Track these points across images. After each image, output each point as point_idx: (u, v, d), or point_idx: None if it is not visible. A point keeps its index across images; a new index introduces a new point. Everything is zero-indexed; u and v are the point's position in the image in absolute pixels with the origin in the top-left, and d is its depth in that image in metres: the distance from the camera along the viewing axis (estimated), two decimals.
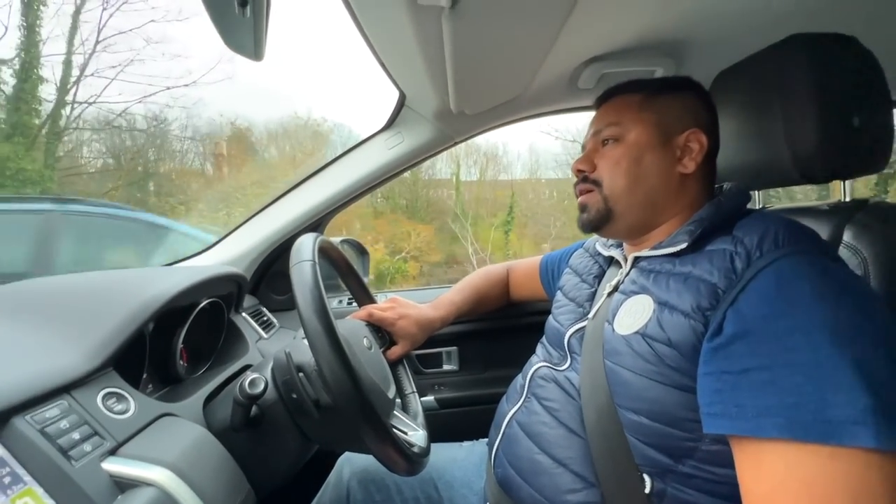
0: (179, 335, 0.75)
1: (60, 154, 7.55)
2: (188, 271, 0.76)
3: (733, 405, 0.43)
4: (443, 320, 0.95)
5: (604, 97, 0.70)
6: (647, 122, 0.63)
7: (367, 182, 1.08)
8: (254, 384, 0.55)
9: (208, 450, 0.54)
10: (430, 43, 0.66)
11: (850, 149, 0.58)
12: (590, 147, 0.68)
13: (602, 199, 0.64)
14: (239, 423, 0.58)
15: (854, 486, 0.38)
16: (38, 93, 7.25)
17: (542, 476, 0.59)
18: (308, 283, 0.54)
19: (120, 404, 0.51)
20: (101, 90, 7.66)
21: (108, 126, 7.89)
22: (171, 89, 8.08)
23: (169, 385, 0.76)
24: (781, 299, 0.44)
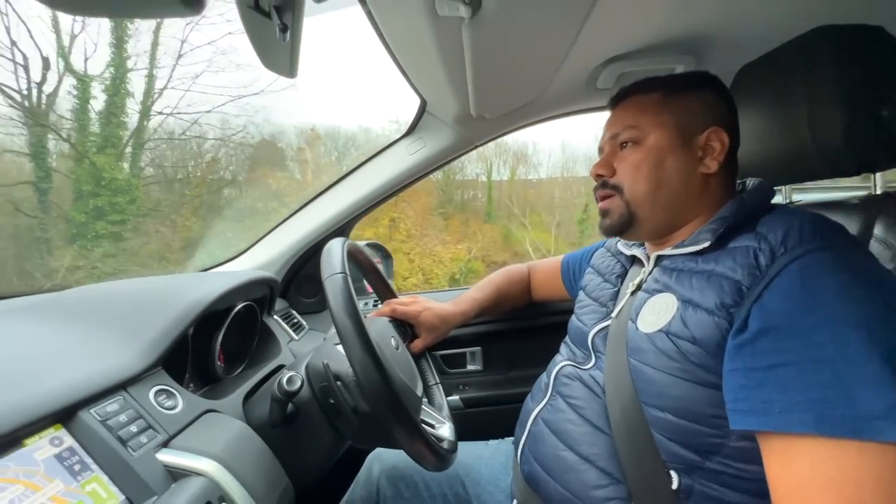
0: (217, 337, 0.79)
1: (142, 164, 7.93)
2: (226, 276, 0.80)
3: (760, 401, 0.43)
4: (464, 315, 0.96)
5: (619, 97, 0.68)
6: (666, 123, 0.62)
7: (391, 187, 1.11)
8: (291, 381, 0.59)
9: (249, 443, 0.57)
10: (451, 51, 0.68)
11: (880, 141, 0.57)
12: (608, 150, 0.67)
13: (624, 204, 0.63)
14: (277, 419, 0.61)
15: (883, 481, 0.38)
16: (126, 106, 7.63)
17: (569, 472, 0.60)
18: (342, 297, 0.57)
19: (169, 400, 0.55)
20: (177, 101, 7.97)
21: (183, 137, 8.19)
22: (241, 98, 8.29)
23: (208, 384, 0.80)
24: (807, 295, 0.44)
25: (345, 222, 1.14)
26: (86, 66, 7.36)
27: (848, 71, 0.56)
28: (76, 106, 7.27)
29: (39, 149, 7.16)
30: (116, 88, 7.49)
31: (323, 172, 9.10)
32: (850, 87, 0.56)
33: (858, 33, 0.58)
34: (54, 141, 7.16)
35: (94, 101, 7.34)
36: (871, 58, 0.57)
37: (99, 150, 7.36)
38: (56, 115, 7.23)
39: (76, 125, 7.28)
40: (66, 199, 7.15)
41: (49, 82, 7.05)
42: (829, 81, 0.57)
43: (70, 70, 7.33)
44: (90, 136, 7.37)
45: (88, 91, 7.32)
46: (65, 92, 7.19)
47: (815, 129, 0.58)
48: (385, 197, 1.13)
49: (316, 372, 0.65)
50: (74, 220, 7.11)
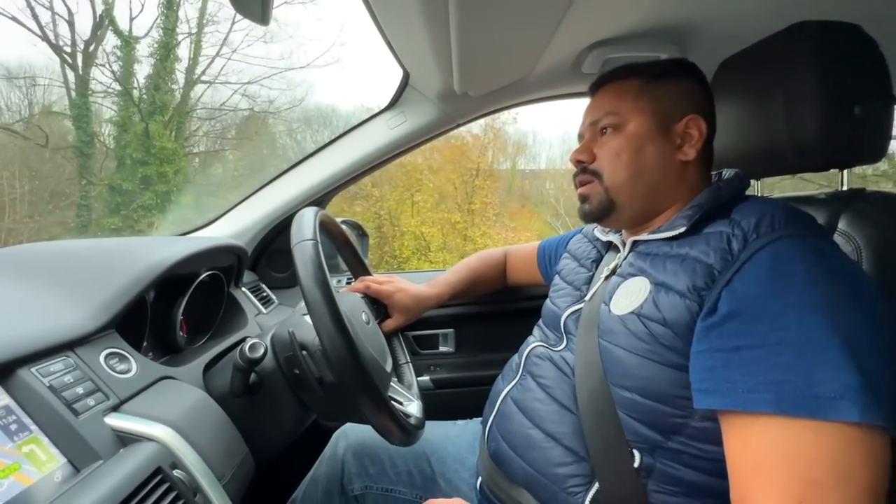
0: (180, 305, 0.76)
1: (187, 133, 7.68)
2: (189, 241, 0.77)
3: (725, 381, 0.44)
4: (438, 298, 0.96)
5: (599, 83, 0.68)
6: (645, 110, 0.62)
7: (369, 161, 1.08)
8: (254, 349, 0.56)
9: (207, 412, 0.55)
10: (436, 21, 0.66)
11: (851, 138, 0.59)
12: (588, 137, 0.67)
13: (603, 190, 0.64)
14: (238, 389, 0.59)
15: (835, 459, 0.39)
16: (174, 73, 7.32)
17: (534, 450, 0.61)
18: (312, 264, 0.54)
19: (122, 364, 0.52)
20: (218, 70, 7.68)
21: (234, 109, 7.89)
22: (288, 71, 8.05)
23: (169, 354, 0.77)
24: (775, 279, 0.45)
25: (320, 195, 1.11)
26: (131, 26, 7.05)
27: (825, 68, 0.57)
28: (121, 69, 6.99)
29: (84, 111, 6.80)
30: (167, 52, 7.14)
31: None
32: (827, 83, 0.57)
33: (836, 31, 0.59)
34: (95, 105, 6.84)
35: (138, 65, 7.10)
36: (847, 56, 0.58)
37: (148, 116, 7.08)
38: (96, 80, 6.94)
39: (120, 89, 6.99)
40: (105, 165, 6.85)
41: (89, 41, 6.72)
42: (806, 77, 0.58)
43: (115, 29, 6.95)
44: (133, 101, 7.04)
45: (133, 54, 7.00)
46: (106, 53, 6.94)
47: (791, 123, 0.59)
48: (364, 171, 1.10)
49: (281, 341, 0.63)
50: (120, 189, 6.81)
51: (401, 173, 8.20)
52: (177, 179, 7.11)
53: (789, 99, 0.59)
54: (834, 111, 0.57)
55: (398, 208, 8.06)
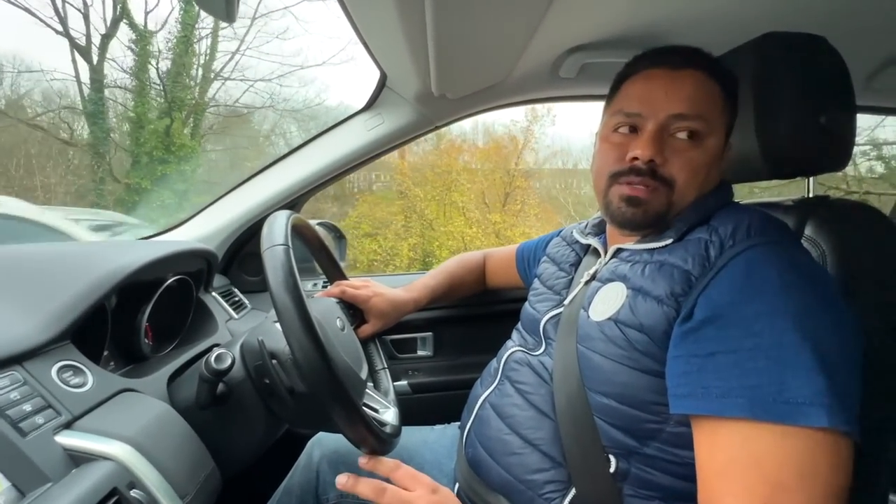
0: (144, 312, 0.72)
1: (203, 131, 7.44)
2: (153, 245, 0.73)
3: (700, 386, 0.45)
4: (416, 302, 0.94)
5: (683, 60, 0.57)
6: (724, 127, 0.58)
7: (346, 163, 1.06)
8: (220, 359, 0.54)
9: (170, 426, 0.52)
10: (413, 22, 0.65)
11: (817, 147, 0.60)
12: (657, 129, 0.55)
13: (668, 203, 0.56)
14: (204, 401, 0.57)
15: (801, 462, 0.40)
16: (192, 68, 7.04)
17: (511, 456, 0.60)
18: (282, 270, 0.52)
19: (77, 378, 0.49)
20: (233, 66, 7.42)
21: (235, 107, 7.61)
22: (304, 69, 7.82)
23: (133, 363, 0.74)
24: (750, 286, 0.46)
25: (295, 197, 1.08)
26: (146, 20, 6.77)
27: (792, 78, 0.59)
28: (135, 63, 6.69)
29: (99, 107, 6.50)
30: (186, 47, 6.87)
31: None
32: (794, 93, 0.59)
33: (803, 42, 0.60)
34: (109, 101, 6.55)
35: (153, 60, 6.85)
36: (812, 67, 0.60)
37: (165, 113, 6.79)
38: (112, 75, 6.64)
39: (136, 85, 6.71)
40: (120, 163, 6.54)
41: (107, 34, 6.44)
42: (774, 88, 0.59)
43: (130, 22, 6.65)
44: (148, 97, 6.79)
45: (148, 48, 6.72)
46: (120, 47, 6.63)
47: (761, 132, 0.61)
48: (340, 173, 1.08)
49: (251, 350, 0.61)
50: (139, 188, 6.56)
51: (434, 174, 8.13)
52: (194, 178, 6.91)
53: (760, 107, 0.61)
54: (801, 120, 0.59)
55: (437, 209, 7.94)
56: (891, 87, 1.00)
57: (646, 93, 0.58)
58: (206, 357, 0.55)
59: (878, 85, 0.98)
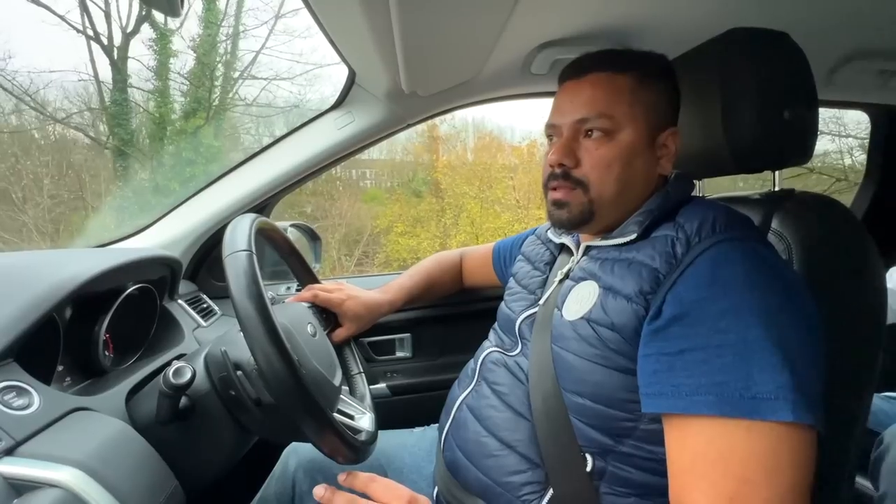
0: (102, 323, 0.69)
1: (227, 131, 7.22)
2: (109, 254, 0.69)
3: (670, 385, 0.45)
4: (391, 304, 0.93)
5: (586, 67, 0.60)
6: (638, 118, 0.58)
7: (316, 163, 1.03)
8: (179, 374, 0.51)
9: (127, 445, 0.49)
10: (379, 19, 0.63)
11: (782, 141, 0.61)
12: (568, 135, 0.59)
13: (587, 201, 0.59)
14: (165, 416, 0.54)
15: (766, 457, 0.40)
16: (216, 69, 6.79)
17: (489, 458, 0.60)
18: (245, 277, 0.50)
19: (20, 399, 0.46)
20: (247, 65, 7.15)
21: (258, 105, 7.34)
22: (323, 67, 7.53)
23: (93, 377, 0.70)
24: (716, 283, 0.46)
25: (264, 199, 1.04)
26: (165, 19, 6.47)
27: (756, 73, 0.59)
28: (157, 62, 6.43)
29: (124, 107, 6.26)
30: (210, 46, 6.63)
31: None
32: (759, 88, 0.59)
33: (767, 37, 0.61)
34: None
35: (174, 60, 6.62)
36: (776, 62, 0.61)
37: (192, 114, 6.53)
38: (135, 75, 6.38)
39: (157, 85, 6.46)
40: (142, 164, 6.29)
41: (131, 33, 6.19)
42: (740, 82, 0.60)
43: (151, 22, 6.38)
44: (171, 97, 6.54)
45: (168, 47, 6.47)
46: (140, 47, 6.37)
47: (728, 127, 0.61)
48: (310, 173, 1.05)
49: (215, 361, 0.58)
50: (167, 189, 6.30)
51: (475, 173, 8.03)
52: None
53: (726, 102, 0.61)
54: (766, 115, 0.59)
55: (478, 206, 7.81)
56: (850, 82, 1.03)
57: (557, 105, 0.63)
58: (165, 371, 0.52)
59: (838, 80, 1.01)
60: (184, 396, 0.56)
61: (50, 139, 6.23)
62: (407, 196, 8.03)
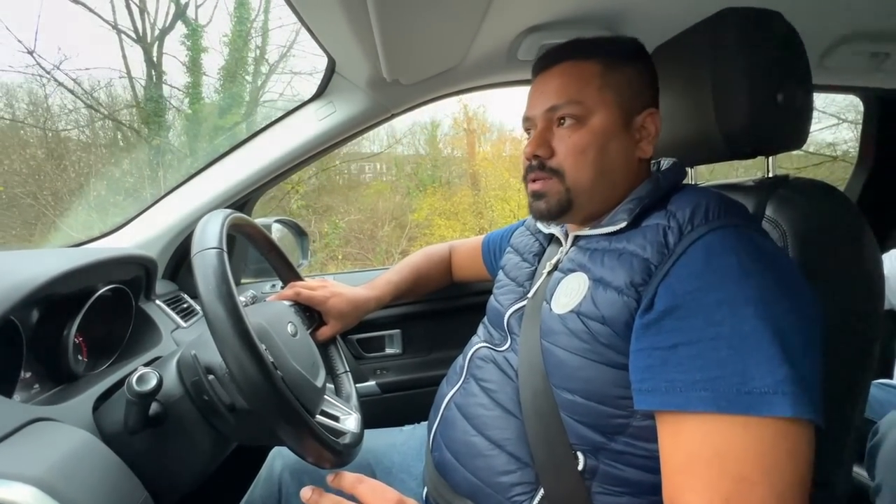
0: (71, 327, 0.65)
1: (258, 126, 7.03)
2: (75, 254, 0.66)
3: (663, 381, 0.43)
4: (378, 300, 0.90)
5: (554, 58, 0.60)
6: (609, 102, 0.57)
7: (298, 156, 0.99)
8: (143, 380, 0.48)
9: (91, 458, 0.46)
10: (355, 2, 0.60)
11: (775, 125, 0.59)
12: (542, 126, 0.60)
13: (564, 190, 0.58)
14: (134, 424, 0.51)
15: (763, 454, 0.39)
16: (248, 64, 6.67)
17: (478, 458, 0.58)
18: (214, 276, 0.47)
19: None
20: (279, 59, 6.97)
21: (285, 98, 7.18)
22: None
23: (65, 383, 0.67)
24: (710, 273, 0.45)
25: (244, 195, 1.01)
26: (196, 14, 6.39)
27: (749, 55, 0.57)
28: (189, 57, 6.29)
29: (160, 104, 6.16)
30: (244, 42, 6.50)
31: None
32: (751, 71, 0.57)
33: (759, 18, 0.59)
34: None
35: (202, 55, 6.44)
36: (769, 43, 0.59)
37: (224, 111, 6.44)
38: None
39: (190, 81, 6.31)
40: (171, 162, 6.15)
41: (166, 29, 6.10)
42: (732, 65, 0.58)
43: (183, 18, 6.25)
44: (202, 93, 6.40)
45: (200, 43, 6.32)
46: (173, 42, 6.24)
47: (720, 111, 0.59)
48: (292, 167, 1.01)
49: (186, 365, 0.55)
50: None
51: (515, 166, 7.89)
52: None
53: (717, 86, 0.59)
54: (759, 99, 0.58)
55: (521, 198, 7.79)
56: (843, 65, 1.01)
57: (530, 98, 0.63)
58: (128, 378, 0.49)
59: (830, 63, 0.99)
60: (155, 402, 0.53)
61: (96, 137, 6.20)
62: (378, 188, 7.98)
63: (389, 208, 7.42)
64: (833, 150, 5.32)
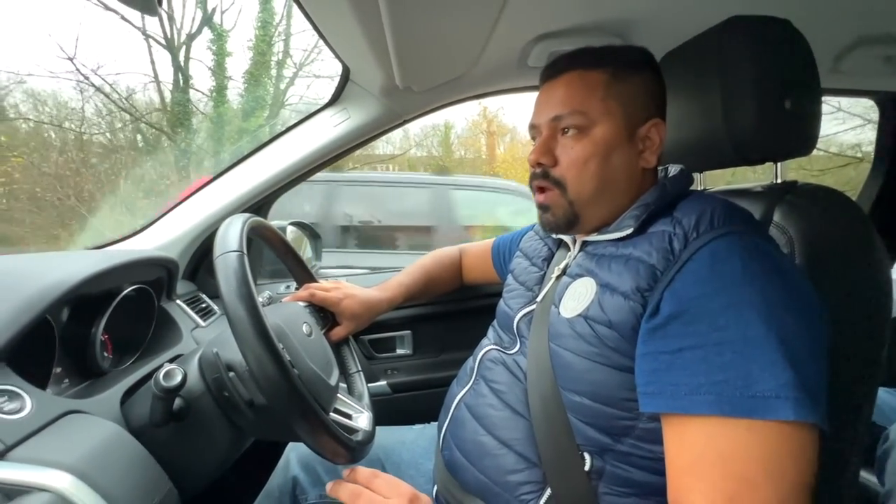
0: (99, 325, 0.69)
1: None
2: (103, 255, 0.69)
3: (668, 384, 0.44)
4: (390, 302, 0.92)
5: (560, 67, 0.61)
6: (614, 113, 0.58)
7: (312, 161, 1.02)
8: (169, 376, 0.51)
9: (120, 448, 0.49)
10: (369, 14, 0.62)
11: (783, 132, 0.60)
12: (547, 134, 0.61)
13: (567, 203, 0.59)
14: (159, 418, 0.54)
15: (768, 457, 0.39)
16: (272, 67, 6.92)
17: (487, 458, 0.59)
18: (235, 278, 0.50)
19: (11, 403, 0.46)
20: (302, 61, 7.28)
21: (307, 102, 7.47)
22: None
23: (92, 378, 0.70)
24: (715, 279, 0.45)
25: (261, 198, 1.04)
26: (221, 19, 6.66)
27: (758, 62, 0.58)
28: (215, 61, 6.52)
29: (186, 108, 6.37)
30: (268, 46, 6.70)
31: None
32: (760, 77, 0.58)
33: (768, 25, 0.59)
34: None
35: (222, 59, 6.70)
36: (778, 50, 0.59)
37: (247, 114, 6.63)
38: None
39: (214, 85, 6.54)
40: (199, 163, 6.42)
41: (193, 34, 6.36)
42: (740, 72, 0.58)
43: (209, 23, 6.47)
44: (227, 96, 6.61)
45: (225, 47, 6.54)
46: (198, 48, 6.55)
47: (728, 117, 0.60)
48: (307, 171, 1.04)
49: (208, 362, 0.58)
50: None
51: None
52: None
53: (726, 93, 0.60)
54: (767, 105, 0.58)
55: None
56: (856, 69, 1.00)
57: (536, 106, 0.64)
58: (156, 374, 0.52)
59: (844, 67, 0.99)
60: (178, 398, 0.56)
61: (127, 141, 6.43)
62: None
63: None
64: (856, 151, 5.19)
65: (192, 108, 6.50)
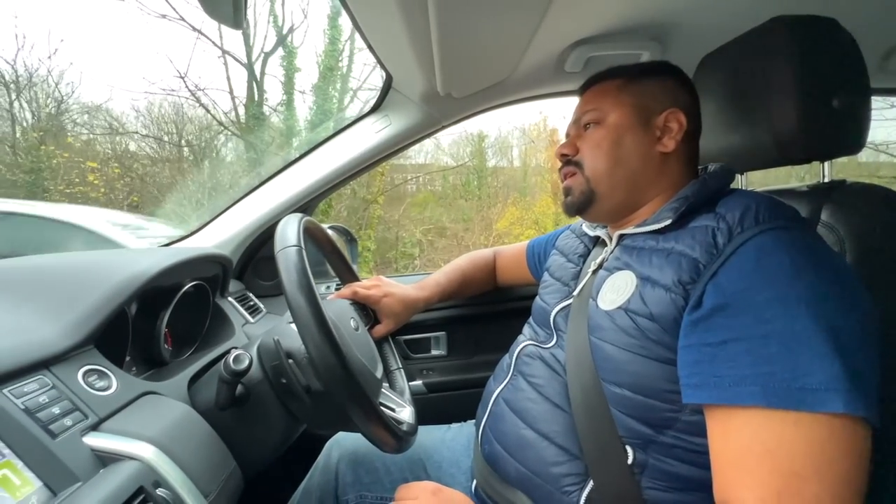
0: (163, 318, 0.74)
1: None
2: (170, 252, 0.75)
3: (712, 376, 0.44)
4: (427, 301, 0.95)
5: (586, 85, 0.70)
6: (625, 104, 0.64)
7: (355, 166, 1.07)
8: (238, 360, 0.55)
9: (192, 427, 0.54)
10: (416, 23, 0.66)
11: (830, 131, 0.59)
12: (573, 133, 0.69)
13: (584, 180, 0.65)
14: (224, 402, 0.58)
15: (815, 450, 0.39)
16: (337, 81, 7.21)
17: (528, 450, 0.60)
18: (296, 271, 0.53)
19: (101, 381, 0.51)
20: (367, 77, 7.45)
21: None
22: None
23: (153, 368, 0.76)
24: (760, 272, 0.45)
25: (306, 202, 1.09)
26: (292, 37, 7.00)
27: (803, 61, 0.58)
28: (285, 77, 6.90)
29: (262, 120, 6.76)
30: (335, 61, 7.05)
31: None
32: (805, 77, 0.57)
33: (813, 25, 0.59)
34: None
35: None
36: (824, 49, 0.59)
37: (315, 125, 7.03)
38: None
39: (284, 98, 6.91)
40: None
41: (270, 52, 6.74)
42: (785, 71, 0.58)
43: (281, 40, 6.89)
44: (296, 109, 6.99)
45: (295, 63, 6.90)
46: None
47: (772, 117, 0.60)
48: (349, 176, 1.09)
49: (267, 350, 0.62)
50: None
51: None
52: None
53: (769, 93, 0.60)
54: (813, 104, 0.58)
55: None
56: None
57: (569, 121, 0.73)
58: (225, 358, 0.56)
59: (892, 66, 0.96)
60: (239, 384, 0.59)
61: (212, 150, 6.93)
62: (421, 199, 8.06)
63: (453, 217, 7.64)
64: None
65: (266, 121, 6.82)
